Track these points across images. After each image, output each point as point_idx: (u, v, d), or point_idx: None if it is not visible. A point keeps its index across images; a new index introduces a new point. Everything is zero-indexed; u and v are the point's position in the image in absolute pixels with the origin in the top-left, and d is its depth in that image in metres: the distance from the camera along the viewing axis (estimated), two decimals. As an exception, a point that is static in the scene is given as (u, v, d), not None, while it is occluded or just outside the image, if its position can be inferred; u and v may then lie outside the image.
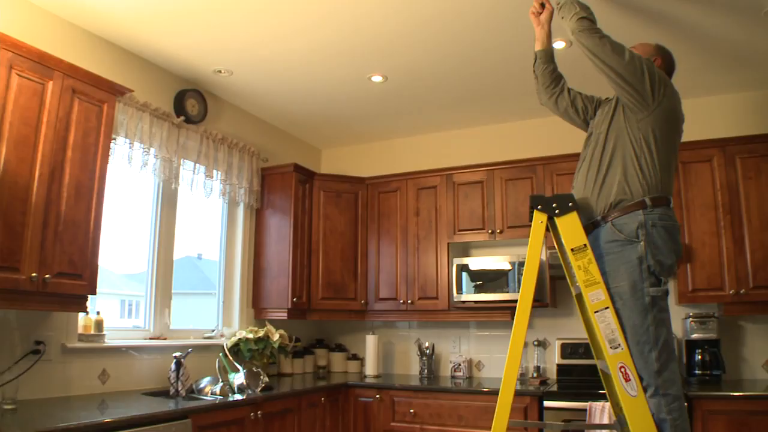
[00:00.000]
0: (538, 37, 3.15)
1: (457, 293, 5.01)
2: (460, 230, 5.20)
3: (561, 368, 4.89)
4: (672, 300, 4.48)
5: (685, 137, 2.92)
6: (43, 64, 3.10)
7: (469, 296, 4.97)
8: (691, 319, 4.45)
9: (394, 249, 5.44)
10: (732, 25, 3.83)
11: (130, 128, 3.97)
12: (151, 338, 4.23)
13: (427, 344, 5.38)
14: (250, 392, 3.96)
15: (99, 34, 3.94)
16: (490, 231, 5.07)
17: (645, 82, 2.63)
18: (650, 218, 2.56)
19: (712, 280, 4.35)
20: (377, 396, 4.77)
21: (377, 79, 4.66)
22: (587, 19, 2.76)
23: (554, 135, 5.14)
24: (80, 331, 3.67)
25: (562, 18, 2.89)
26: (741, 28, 3.86)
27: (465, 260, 5.07)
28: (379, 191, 5.60)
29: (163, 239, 4.43)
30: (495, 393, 2.54)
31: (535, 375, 4.94)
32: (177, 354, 3.89)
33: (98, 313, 3.77)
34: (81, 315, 3.66)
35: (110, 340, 3.84)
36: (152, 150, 4.16)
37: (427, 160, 5.80)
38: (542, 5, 3.13)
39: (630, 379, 2.42)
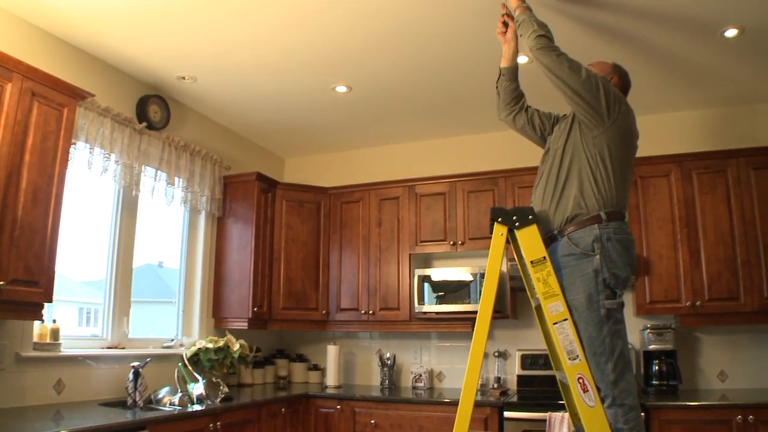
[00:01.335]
0: (504, 53, 3.19)
1: (419, 304, 5.03)
2: (422, 241, 5.23)
3: (521, 379, 4.94)
4: (630, 312, 4.56)
5: (645, 152, 2.98)
6: (1, 65, 3.03)
7: (431, 307, 4.99)
8: (648, 330, 4.53)
9: (356, 259, 5.44)
10: (691, 45, 3.94)
11: (91, 133, 3.91)
12: (108, 347, 4.16)
13: (388, 355, 5.38)
14: (209, 403, 3.92)
15: (60, 36, 3.88)
16: (451, 242, 5.10)
17: (600, 100, 2.68)
18: (605, 232, 2.60)
19: (669, 292, 4.45)
20: (338, 407, 4.75)
21: (342, 89, 4.67)
22: (545, 36, 2.81)
23: (516, 148, 5.20)
24: (35, 339, 3.58)
25: (521, 35, 2.94)
26: (699, 49, 3.98)
27: (427, 271, 5.09)
28: (342, 201, 5.61)
29: (122, 246, 4.37)
30: (456, 404, 2.56)
31: (495, 386, 4.97)
32: (135, 364, 3.84)
33: (54, 321, 3.69)
34: (36, 323, 3.58)
35: (66, 349, 3.76)
36: (113, 156, 4.10)
37: (390, 171, 5.82)
38: (505, 24, 3.18)
39: (588, 390, 2.45)
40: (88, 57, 4.10)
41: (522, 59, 4.04)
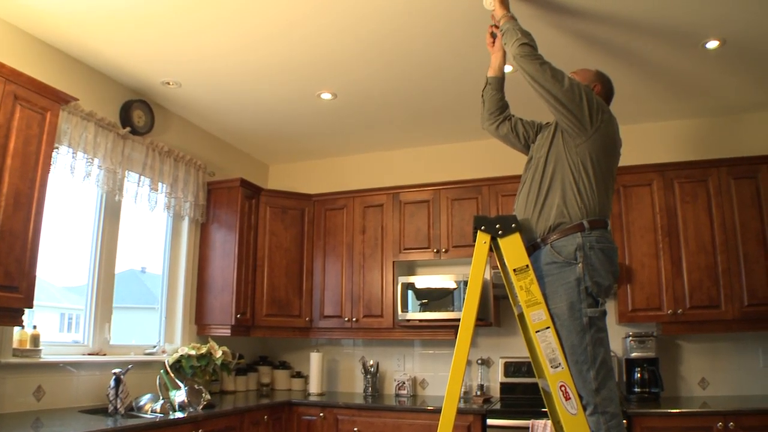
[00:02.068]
0: (492, 63, 3.22)
1: (402, 311, 5.03)
2: (405, 249, 5.24)
3: (504, 386, 4.95)
4: (612, 319, 4.59)
5: (627, 161, 3.00)
6: (-16, 69, 3.02)
7: (414, 314, 5.00)
8: (630, 338, 4.56)
9: (340, 266, 5.44)
10: (674, 56, 3.99)
11: (74, 137, 3.89)
12: (90, 354, 4.12)
13: (371, 362, 5.38)
14: (191, 410, 3.89)
15: (44, 39, 3.85)
16: (435, 250, 5.11)
17: (583, 108, 2.70)
18: (588, 241, 2.61)
19: (651, 300, 4.48)
20: (321, 414, 4.74)
21: (327, 96, 4.68)
22: (528, 45, 2.83)
23: (499, 156, 5.23)
24: (15, 345, 3.53)
25: (505, 44, 2.96)
26: (682, 60, 4.03)
27: (410, 278, 5.09)
28: (326, 208, 5.60)
29: (104, 252, 4.34)
30: (439, 411, 2.56)
31: (478, 393, 4.98)
32: (116, 370, 3.80)
33: (35, 327, 3.65)
34: (16, 329, 3.54)
35: (47, 355, 3.72)
36: (96, 160, 4.08)
37: (374, 179, 5.83)
38: (493, 35, 3.20)
39: (570, 398, 2.46)
40: (72, 61, 4.08)
41: (507, 68, 4.07)
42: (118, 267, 4.45)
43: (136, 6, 3.46)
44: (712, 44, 3.80)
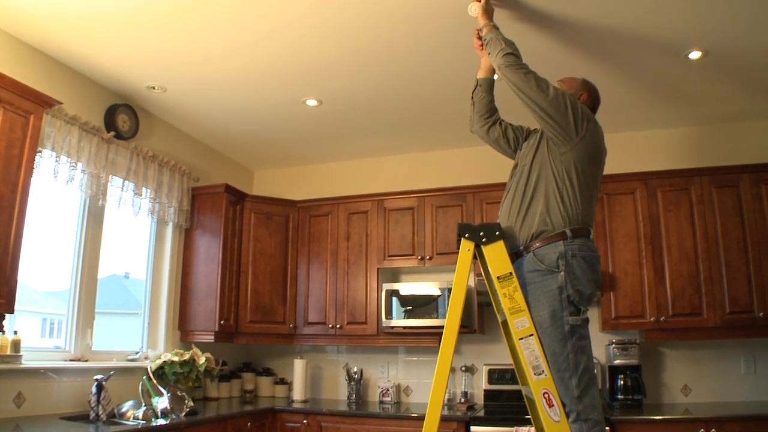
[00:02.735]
0: (482, 65, 3.22)
1: (387, 318, 5.03)
2: (390, 256, 5.24)
3: (488, 393, 4.96)
4: (595, 327, 4.62)
5: (611, 170, 3.02)
6: (-33, 72, 2.99)
7: (399, 321, 5.00)
8: (613, 345, 4.58)
9: (324, 273, 5.43)
10: (657, 66, 4.04)
11: (58, 141, 3.86)
12: (71, 360, 4.08)
13: (355, 369, 5.37)
14: (174, 417, 3.87)
15: (28, 42, 3.82)
16: (419, 257, 5.12)
17: (568, 117, 2.72)
18: (570, 249, 2.62)
19: (634, 307, 4.51)
20: (304, 421, 4.72)
21: (312, 102, 4.68)
22: (513, 54, 2.85)
23: (484, 164, 5.26)
24: (-5, 351, 3.52)
25: (489, 54, 2.97)
26: (665, 70, 4.08)
27: (395, 285, 5.10)
28: (311, 215, 5.60)
29: (87, 256, 4.31)
30: (422, 418, 2.56)
31: (462, 400, 4.99)
32: (98, 377, 3.77)
33: (15, 332, 3.61)
34: (-3, 334, 3.51)
35: (27, 361, 3.67)
36: (80, 165, 4.05)
37: (359, 185, 5.83)
38: (479, 37, 3.21)
39: (553, 405, 2.47)
40: (56, 64, 4.06)
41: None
42: (101, 272, 4.42)
43: (122, 10, 3.45)
44: (695, 55, 3.85)
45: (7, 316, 3.17)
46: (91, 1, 3.35)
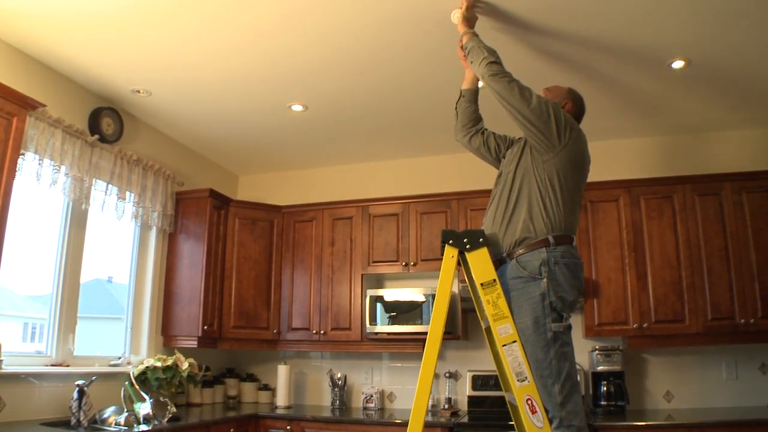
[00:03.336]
0: (467, 76, 3.25)
1: (371, 324, 5.03)
2: (374, 261, 5.24)
3: (472, 400, 4.96)
4: (579, 333, 4.64)
5: (594, 177, 3.05)
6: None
7: (383, 327, 5.00)
8: (597, 351, 4.61)
9: (308, 279, 5.42)
10: (640, 75, 4.07)
11: (41, 144, 3.83)
12: (53, 365, 4.04)
13: (339, 375, 5.36)
14: (156, 423, 3.84)
15: (11, 43, 3.79)
16: (404, 263, 5.12)
17: (551, 125, 2.73)
18: (553, 256, 2.64)
19: (617, 314, 4.54)
20: (288, 427, 4.70)
21: (297, 108, 4.68)
22: (496, 63, 2.87)
23: (469, 171, 5.26)
24: (-26, 355, 3.48)
25: (471, 62, 2.99)
26: (648, 78, 4.11)
27: (379, 291, 5.10)
28: (295, 220, 5.59)
29: (70, 260, 4.27)
30: (406, 424, 2.56)
31: (446, 406, 4.99)
32: (80, 382, 3.74)
33: (-5, 337, 3.59)
34: (-24, 339, 3.48)
35: (8, 366, 3.63)
36: (63, 168, 4.02)
37: (343, 191, 5.83)
38: (463, 48, 3.22)
39: (536, 411, 2.47)
40: (40, 66, 4.03)
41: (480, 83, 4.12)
42: (83, 276, 4.38)
43: (107, 13, 3.43)
44: (678, 64, 3.88)
45: (-12, 320, 3.15)
46: (76, 3, 3.33)
